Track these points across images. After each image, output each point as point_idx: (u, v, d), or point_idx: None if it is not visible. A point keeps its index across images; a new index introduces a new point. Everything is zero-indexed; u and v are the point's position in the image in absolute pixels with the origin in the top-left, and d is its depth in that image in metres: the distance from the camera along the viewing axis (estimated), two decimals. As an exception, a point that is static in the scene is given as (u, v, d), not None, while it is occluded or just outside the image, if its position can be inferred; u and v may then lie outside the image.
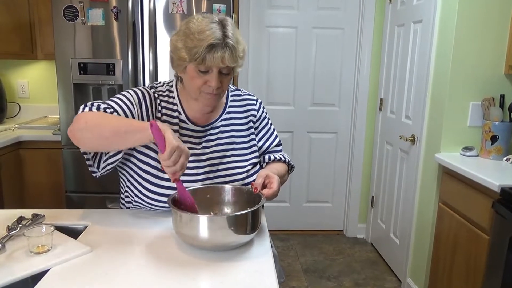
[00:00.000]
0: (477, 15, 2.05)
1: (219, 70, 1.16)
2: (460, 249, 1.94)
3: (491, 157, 2.06)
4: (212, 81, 1.17)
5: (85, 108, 1.17)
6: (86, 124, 1.12)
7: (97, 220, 1.24)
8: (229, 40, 1.13)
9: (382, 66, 3.06)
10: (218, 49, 1.12)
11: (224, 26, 1.14)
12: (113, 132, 1.10)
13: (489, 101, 2.09)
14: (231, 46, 1.13)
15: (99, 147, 1.17)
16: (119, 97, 1.24)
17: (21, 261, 0.97)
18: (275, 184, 1.16)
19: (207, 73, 1.17)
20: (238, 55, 1.16)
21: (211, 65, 1.14)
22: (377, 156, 3.14)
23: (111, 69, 2.28)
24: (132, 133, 1.08)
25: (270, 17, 3.08)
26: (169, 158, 1.00)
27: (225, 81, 1.20)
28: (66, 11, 2.21)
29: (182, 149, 1.01)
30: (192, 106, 1.28)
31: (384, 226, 2.97)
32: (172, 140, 1.00)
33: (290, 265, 2.89)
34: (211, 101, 1.22)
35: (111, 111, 1.17)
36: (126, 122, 1.13)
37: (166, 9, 2.25)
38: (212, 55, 1.12)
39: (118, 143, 1.13)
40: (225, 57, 1.13)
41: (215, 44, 1.11)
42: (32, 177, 2.50)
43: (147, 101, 1.25)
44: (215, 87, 1.18)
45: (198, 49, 1.11)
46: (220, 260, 1.00)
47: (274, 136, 1.44)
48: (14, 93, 3.03)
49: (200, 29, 1.13)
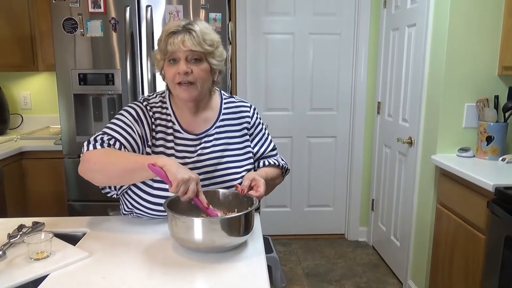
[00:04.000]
0: (469, 17, 2.08)
1: (186, 57, 1.21)
2: (459, 249, 1.95)
3: (487, 157, 2.07)
4: (179, 67, 1.21)
5: (89, 146, 1.20)
6: (95, 166, 1.18)
7: (96, 226, 1.27)
8: (190, 27, 1.20)
9: (378, 70, 3.09)
10: (178, 34, 1.20)
11: (191, 21, 1.23)
12: (121, 172, 1.16)
13: (483, 102, 2.11)
14: (191, 31, 1.20)
15: (111, 184, 1.26)
16: (116, 123, 1.26)
17: (21, 267, 1.00)
18: (262, 188, 1.18)
19: (176, 62, 1.22)
20: (202, 40, 1.20)
21: (174, 50, 1.20)
22: (376, 159, 3.16)
23: (110, 79, 2.32)
24: (138, 171, 1.13)
25: (267, 24, 3.12)
26: (177, 192, 1.05)
27: (197, 70, 1.23)
28: (65, 24, 2.26)
29: (187, 179, 1.05)
30: (184, 114, 1.32)
31: (385, 229, 2.98)
32: (175, 175, 1.05)
33: (292, 269, 2.90)
34: (188, 93, 1.24)
35: (113, 142, 1.21)
36: (132, 160, 1.16)
37: (163, 20, 2.29)
38: (172, 41, 1.19)
39: (127, 180, 1.22)
40: (186, 40, 1.19)
41: (175, 31, 1.20)
42: (35, 186, 2.54)
43: (141, 117, 1.28)
44: (183, 72, 1.21)
45: (161, 41, 1.22)
46: (214, 262, 1.03)
47: (268, 141, 1.47)
48: (17, 104, 3.08)
49: (167, 28, 1.23)
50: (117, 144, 1.21)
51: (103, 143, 1.20)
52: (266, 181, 1.27)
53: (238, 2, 3.03)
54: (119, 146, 1.21)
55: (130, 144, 1.23)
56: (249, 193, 1.18)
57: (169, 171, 1.05)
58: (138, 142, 1.25)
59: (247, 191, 1.18)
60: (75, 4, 2.24)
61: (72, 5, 2.24)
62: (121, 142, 1.22)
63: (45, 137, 2.70)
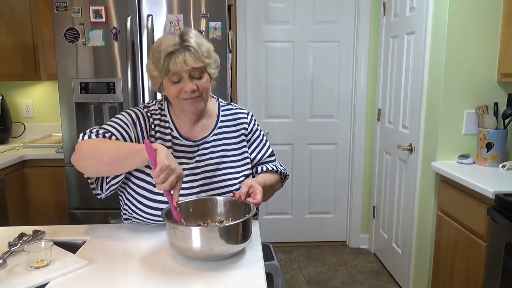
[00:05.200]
0: (467, 25, 2.09)
1: (189, 75, 1.21)
2: (459, 256, 1.94)
3: (487, 164, 2.07)
4: (186, 86, 1.21)
5: (85, 136, 1.22)
6: (87, 152, 1.17)
7: (95, 235, 1.28)
8: (187, 43, 1.18)
9: (378, 77, 3.10)
10: (178, 54, 1.17)
11: (182, 34, 1.20)
12: (113, 157, 1.14)
13: (483, 109, 2.12)
14: (190, 48, 1.18)
15: (102, 173, 1.23)
16: (114, 120, 1.29)
17: (21, 275, 1.01)
18: (259, 195, 1.19)
19: (180, 82, 1.22)
20: (201, 55, 1.20)
21: (177, 71, 1.19)
22: (377, 166, 3.16)
23: (111, 87, 2.34)
24: (130, 156, 1.12)
25: (267, 32, 3.14)
26: (158, 176, 1.04)
27: (201, 85, 1.24)
28: (67, 33, 2.29)
29: (172, 169, 1.05)
30: (183, 122, 1.33)
31: (386, 236, 2.97)
32: (163, 159, 1.04)
33: (294, 277, 2.90)
34: (194, 104, 1.25)
35: (109, 136, 1.22)
36: (124, 146, 1.18)
37: (164, 29, 2.32)
38: (174, 61, 1.17)
39: (119, 167, 1.18)
40: (187, 59, 1.17)
41: (174, 50, 1.17)
42: (36, 195, 2.55)
43: (141, 121, 1.30)
44: (190, 91, 1.21)
45: (161, 61, 1.18)
46: (213, 270, 1.03)
47: (266, 147, 1.47)
48: (19, 113, 3.11)
49: (159, 43, 1.21)
50: (113, 138, 1.22)
51: (98, 134, 1.21)
52: (265, 187, 1.28)
53: (239, 11, 3.06)
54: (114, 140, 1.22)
55: (125, 140, 1.25)
56: (247, 200, 1.18)
57: (159, 154, 1.05)
58: (132, 141, 1.27)
59: (245, 198, 1.19)
60: (77, 14, 2.27)
61: (74, 15, 2.27)
62: (116, 136, 1.23)
63: (47, 146, 2.72)
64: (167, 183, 1.04)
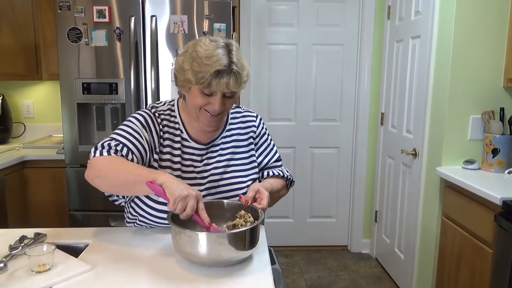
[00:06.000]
0: (474, 30, 2.08)
1: (223, 93, 1.19)
2: (465, 263, 1.92)
3: (493, 170, 2.05)
4: (215, 104, 1.20)
5: (96, 152, 1.19)
6: (100, 172, 1.17)
7: (98, 238, 1.25)
8: (234, 67, 1.16)
9: (382, 81, 3.09)
10: (224, 75, 1.15)
11: (230, 52, 1.17)
12: (123, 182, 1.15)
13: (489, 114, 2.10)
14: (236, 72, 1.16)
15: (114, 193, 1.26)
16: (125, 129, 1.25)
17: (22, 280, 0.98)
18: (265, 201, 1.17)
19: (211, 96, 1.19)
20: (242, 80, 1.19)
21: (216, 90, 1.17)
22: (379, 171, 3.14)
23: (114, 88, 2.32)
24: (139, 184, 1.09)
25: (270, 34, 3.13)
26: (175, 209, 1.02)
27: (228, 104, 1.23)
28: (70, 33, 2.26)
29: (186, 196, 1.02)
30: (193, 125, 1.31)
31: (388, 241, 2.95)
32: (173, 192, 1.02)
33: (295, 281, 2.87)
34: (212, 121, 1.25)
35: (121, 148, 1.19)
36: (135, 172, 1.13)
37: (167, 30, 2.30)
38: (218, 81, 1.15)
39: (129, 192, 1.21)
40: (230, 83, 1.16)
41: (221, 71, 1.14)
42: (36, 196, 2.52)
43: (149, 124, 1.28)
44: (218, 111, 1.21)
45: (205, 74, 1.14)
46: (219, 276, 1.01)
47: (273, 152, 1.46)
48: (20, 113, 3.08)
49: (208, 54, 1.15)
50: (125, 150, 1.20)
51: (110, 149, 1.18)
52: (271, 193, 1.27)
53: (242, 13, 3.05)
54: (126, 152, 1.19)
55: (138, 150, 1.22)
56: (253, 204, 1.17)
57: (167, 188, 1.03)
58: (146, 148, 1.25)
59: (251, 202, 1.17)
60: (80, 14, 2.25)
61: (77, 15, 2.25)
62: (129, 147, 1.21)
63: (47, 146, 2.69)
64: (188, 210, 1.03)
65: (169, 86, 2.34)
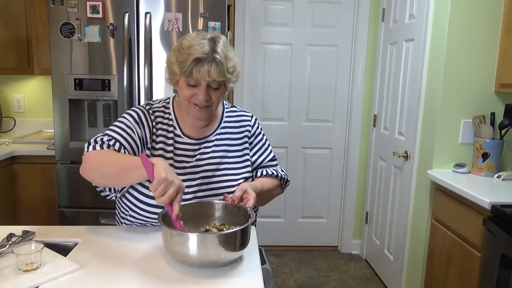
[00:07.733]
0: (467, 35, 2.09)
1: (208, 84, 1.20)
2: (453, 266, 1.94)
3: (483, 174, 2.07)
4: (200, 95, 1.21)
5: (89, 147, 1.22)
6: (92, 166, 1.18)
7: (88, 236, 1.24)
8: (216, 55, 1.17)
9: (375, 83, 3.10)
10: (205, 63, 1.16)
11: (215, 43, 1.19)
12: (116, 172, 1.16)
13: (480, 118, 2.12)
14: (218, 61, 1.17)
15: (108, 185, 1.26)
16: (118, 125, 1.28)
17: (10, 279, 0.97)
18: (251, 202, 1.17)
19: (195, 86, 1.21)
20: (226, 70, 1.19)
21: (198, 78, 1.18)
22: (371, 172, 3.15)
23: (106, 85, 2.30)
24: (132, 170, 1.11)
25: (265, 34, 3.12)
26: (155, 190, 1.01)
27: (215, 96, 1.24)
28: (63, 28, 2.24)
29: (170, 181, 1.02)
30: (187, 122, 1.32)
31: (378, 242, 2.97)
32: (160, 172, 1.02)
33: (285, 281, 2.87)
34: (201, 113, 1.26)
35: (113, 143, 1.21)
36: (126, 160, 1.17)
37: (162, 27, 2.28)
38: (198, 69, 1.16)
39: (123, 180, 1.19)
40: (212, 71, 1.16)
41: (202, 58, 1.16)
42: (25, 192, 2.49)
43: (142, 119, 1.30)
44: (203, 100, 1.21)
45: (186, 63, 1.16)
46: (210, 277, 1.01)
47: (268, 151, 1.47)
48: (10, 107, 3.04)
49: (190, 44, 1.18)
50: (117, 145, 1.22)
51: (103, 144, 1.21)
52: (262, 192, 1.28)
53: (238, 12, 3.04)
54: (118, 147, 1.22)
55: (130, 145, 1.25)
56: (240, 204, 1.18)
57: (157, 167, 1.04)
58: (138, 143, 1.26)
59: (238, 202, 1.18)
60: (74, 9, 2.22)
61: (70, 10, 2.22)
62: (121, 142, 1.23)
63: (37, 142, 2.66)
64: (166, 196, 1.02)
65: (162, 83, 2.33)
